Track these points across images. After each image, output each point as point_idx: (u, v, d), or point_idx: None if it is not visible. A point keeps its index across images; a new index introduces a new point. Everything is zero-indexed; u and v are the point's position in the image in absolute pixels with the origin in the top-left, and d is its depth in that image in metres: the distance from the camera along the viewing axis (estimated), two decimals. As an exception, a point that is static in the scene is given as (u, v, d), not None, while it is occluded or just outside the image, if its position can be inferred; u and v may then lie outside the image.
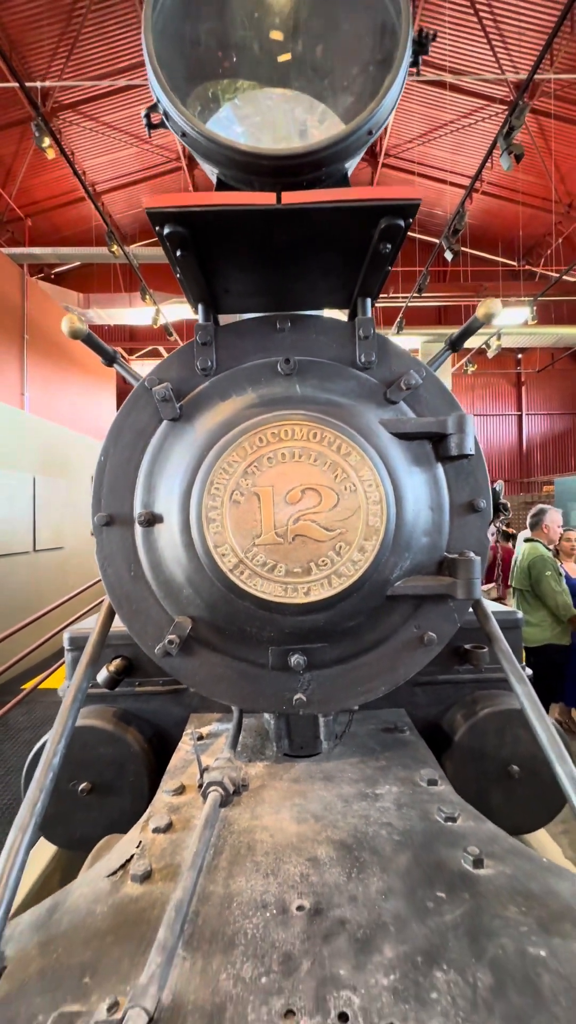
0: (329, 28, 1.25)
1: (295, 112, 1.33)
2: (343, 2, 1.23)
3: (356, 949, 1.01)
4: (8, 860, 1.13)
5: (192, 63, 1.27)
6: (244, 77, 1.37)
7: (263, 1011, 0.89)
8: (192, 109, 1.25)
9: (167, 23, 1.18)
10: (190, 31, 1.23)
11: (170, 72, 1.18)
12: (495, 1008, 0.88)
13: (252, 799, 1.55)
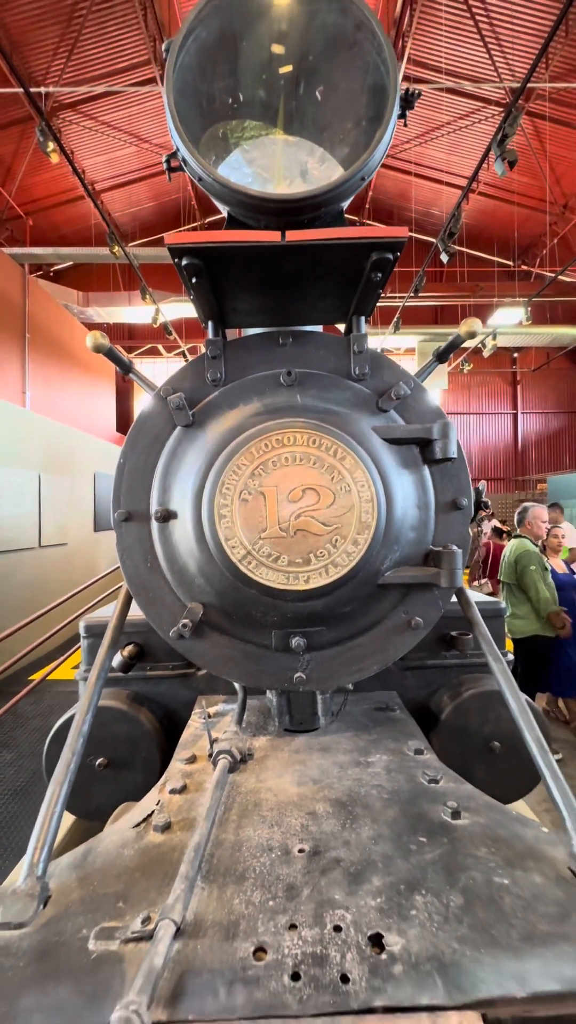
0: (328, 88, 1.42)
1: (297, 155, 1.50)
2: (341, 65, 1.40)
3: (349, 880, 1.19)
4: (49, 807, 1.31)
5: (207, 116, 1.44)
6: (252, 119, 1.54)
7: (270, 925, 1.07)
8: (207, 158, 1.42)
9: (185, 81, 1.34)
10: (206, 88, 1.40)
11: (187, 124, 1.35)
12: (463, 920, 1.06)
13: (257, 766, 1.73)
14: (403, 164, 17.24)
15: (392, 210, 19.86)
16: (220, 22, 1.35)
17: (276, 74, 1.41)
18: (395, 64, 1.33)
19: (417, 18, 12.44)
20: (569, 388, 22.26)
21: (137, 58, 13.40)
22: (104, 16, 12.01)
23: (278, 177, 1.50)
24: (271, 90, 1.44)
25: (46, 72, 12.82)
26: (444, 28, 12.49)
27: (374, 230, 1.35)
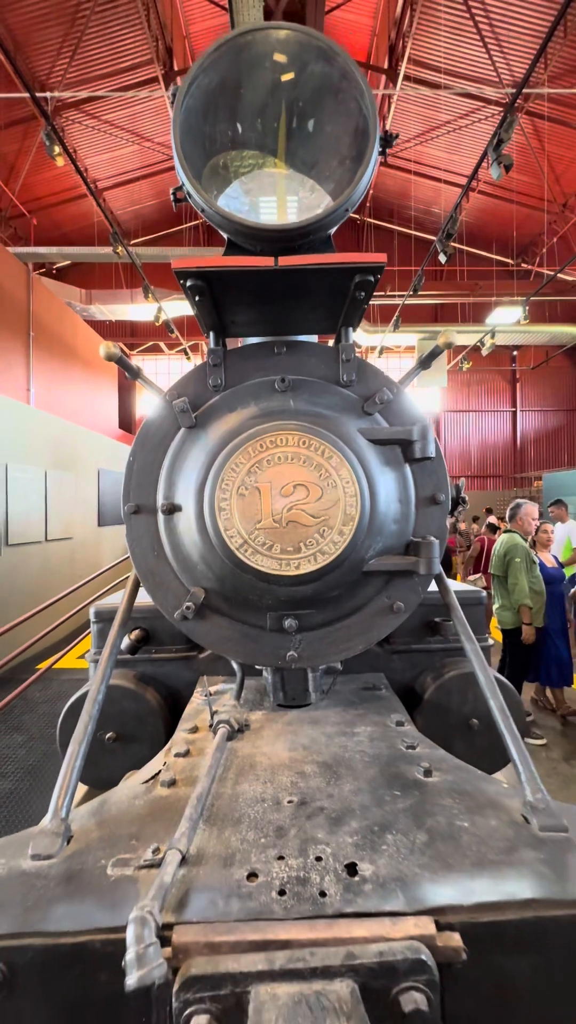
0: (316, 130, 1.60)
1: (290, 186, 1.67)
2: (328, 110, 1.57)
3: (330, 823, 1.37)
4: (70, 760, 1.50)
5: (209, 154, 1.61)
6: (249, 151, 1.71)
7: (262, 856, 1.26)
8: (209, 192, 1.60)
9: (190, 124, 1.52)
10: (208, 130, 1.57)
11: (191, 162, 1.52)
12: (426, 852, 1.25)
13: (253, 735, 1.91)
14: (403, 163, 17.34)
15: (392, 208, 19.95)
16: (221, 71, 1.53)
17: (271, 117, 1.58)
18: (375, 109, 1.51)
19: (417, 18, 12.54)
20: (568, 386, 22.36)
21: (140, 57, 13.52)
22: (107, 16, 12.14)
23: (273, 206, 1.68)
24: (267, 131, 1.62)
25: (49, 71, 12.97)
26: (444, 28, 12.60)
27: (356, 256, 1.53)
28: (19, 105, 13.02)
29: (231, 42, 1.49)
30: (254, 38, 1.50)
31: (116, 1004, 1.06)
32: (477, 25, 12.25)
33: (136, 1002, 1.04)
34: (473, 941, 1.08)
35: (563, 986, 1.10)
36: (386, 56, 14.18)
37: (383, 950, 1.01)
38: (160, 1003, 1.04)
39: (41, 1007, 1.07)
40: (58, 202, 17.08)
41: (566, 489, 9.92)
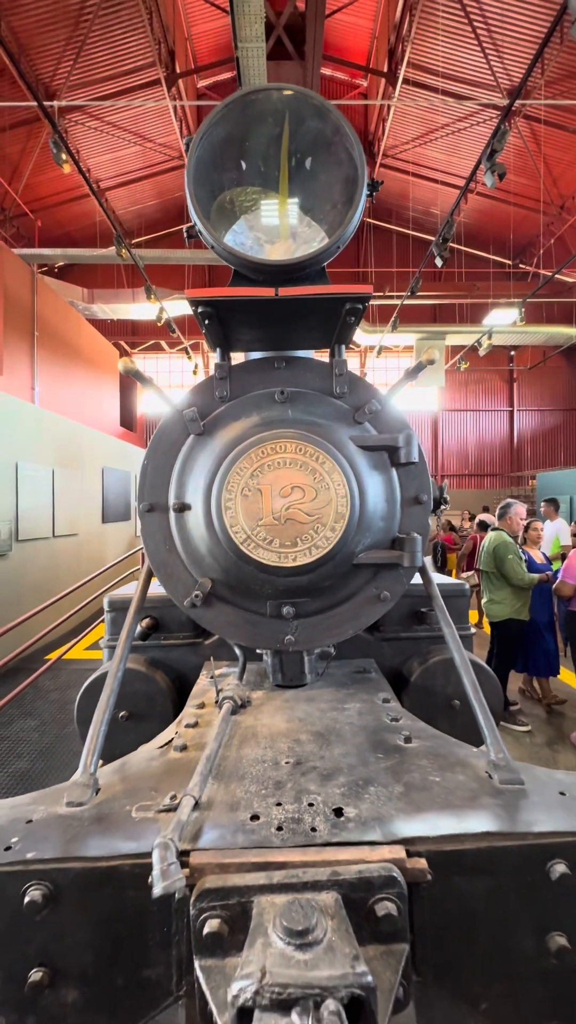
0: (311, 179, 1.82)
1: (290, 223, 1.89)
2: (323, 162, 1.79)
3: (321, 779, 1.60)
4: (95, 725, 1.72)
5: (217, 196, 1.83)
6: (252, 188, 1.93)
7: (263, 803, 1.48)
8: (218, 230, 1.82)
9: (201, 172, 1.73)
10: (216, 177, 1.79)
11: (202, 205, 1.74)
12: (402, 799, 1.48)
13: (254, 711, 2.14)
14: (403, 164, 17.52)
15: (392, 208, 20.14)
16: (229, 126, 1.74)
17: (272, 166, 1.80)
18: (363, 160, 1.72)
19: (416, 23, 12.71)
20: (564, 386, 22.56)
21: (142, 60, 13.68)
22: (110, 20, 12.30)
23: (274, 240, 1.90)
24: (268, 178, 1.83)
25: (53, 74, 13.13)
26: (442, 33, 12.77)
27: (346, 287, 1.75)
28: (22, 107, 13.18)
29: (237, 101, 1.70)
30: (257, 97, 1.72)
31: (142, 916, 1.29)
32: (475, 31, 12.43)
33: (159, 914, 1.27)
34: (437, 866, 1.30)
35: (512, 904, 1.33)
36: (386, 59, 14.35)
37: (362, 869, 1.24)
38: (178, 914, 1.27)
39: (80, 919, 1.30)
40: (61, 202, 17.25)
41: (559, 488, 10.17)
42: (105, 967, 1.32)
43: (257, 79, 6.14)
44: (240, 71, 5.94)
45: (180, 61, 14.63)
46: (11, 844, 1.36)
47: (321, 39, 6.45)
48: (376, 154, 17.68)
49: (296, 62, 6.46)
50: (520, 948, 1.34)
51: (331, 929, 1.10)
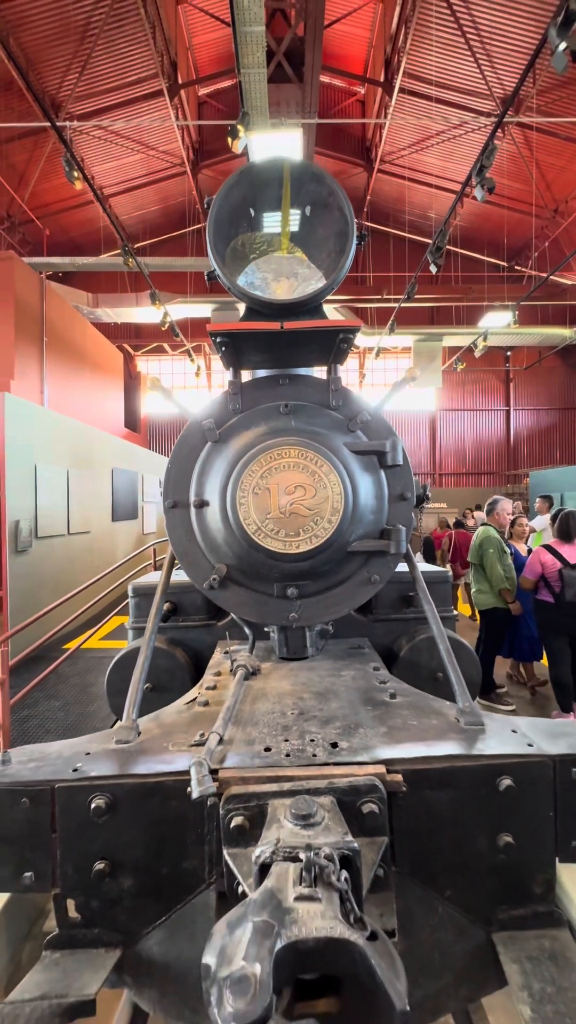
0: (310, 233, 2.19)
1: (292, 266, 2.26)
2: (320, 219, 2.16)
3: (320, 724, 1.97)
4: (134, 684, 2.09)
5: (231, 244, 2.21)
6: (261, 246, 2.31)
7: (273, 740, 1.85)
8: (233, 273, 2.18)
9: (218, 229, 2.10)
10: (231, 231, 2.16)
11: (220, 255, 2.11)
12: (385, 736, 1.85)
13: (263, 677, 2.50)
14: (399, 169, 17.88)
15: (389, 212, 20.49)
16: (242, 191, 2.11)
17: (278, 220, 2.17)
18: (352, 216, 2.09)
19: (412, 35, 13.06)
20: (560, 385, 22.90)
21: (145, 71, 14.04)
22: (114, 35, 12.67)
23: (280, 282, 2.27)
24: (274, 231, 2.21)
25: (59, 86, 13.50)
26: (437, 44, 13.12)
27: (339, 322, 2.12)
28: (29, 117, 13.55)
29: (247, 171, 2.07)
30: (264, 167, 2.09)
31: (182, 821, 1.66)
32: (468, 42, 12.77)
33: (194, 819, 1.65)
34: (410, 780, 1.68)
35: (469, 811, 1.70)
36: (382, 69, 14.71)
37: (351, 780, 1.61)
38: (209, 819, 1.64)
39: (133, 822, 1.68)
40: (65, 208, 17.63)
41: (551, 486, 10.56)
42: (152, 860, 1.70)
43: (259, 101, 6.50)
44: (243, 94, 6.31)
45: (182, 71, 15.00)
46: (77, 767, 1.74)
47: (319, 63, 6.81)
48: (374, 160, 18.02)
49: (295, 84, 6.83)
50: (476, 845, 1.72)
51: (328, 817, 1.47)
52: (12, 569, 6.10)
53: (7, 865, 1.68)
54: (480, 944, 1.75)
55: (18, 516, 6.25)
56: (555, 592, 4.48)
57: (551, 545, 4.64)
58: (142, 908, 1.73)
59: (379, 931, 1.21)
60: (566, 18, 4.96)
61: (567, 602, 4.36)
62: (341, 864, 1.32)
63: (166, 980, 1.70)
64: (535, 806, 1.71)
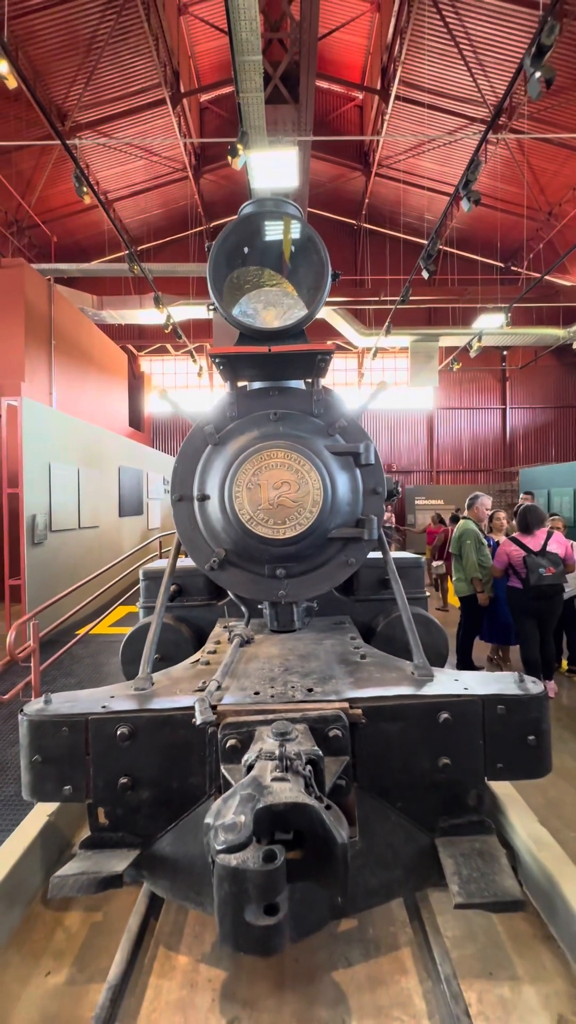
0: (294, 274, 2.63)
1: (278, 297, 2.70)
2: (302, 262, 2.61)
3: (300, 676, 2.42)
4: (148, 644, 2.55)
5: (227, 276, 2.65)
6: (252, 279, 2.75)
7: (262, 687, 2.30)
8: (229, 306, 2.63)
9: (217, 270, 2.55)
10: (228, 270, 2.60)
11: (219, 291, 2.55)
12: (352, 684, 2.29)
13: (256, 645, 2.94)
14: (396, 173, 18.26)
15: (387, 215, 20.86)
16: (237, 237, 2.56)
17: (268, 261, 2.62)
18: (327, 258, 2.53)
19: (407, 45, 13.45)
20: (555, 384, 23.29)
21: (148, 82, 14.46)
22: (119, 47, 13.09)
23: (268, 311, 2.71)
24: (264, 265, 2.65)
25: (65, 96, 13.93)
26: (431, 54, 13.50)
27: (317, 345, 2.58)
28: (37, 125, 13.97)
29: (243, 219, 2.51)
30: (257, 215, 2.53)
31: (188, 745, 2.12)
32: (462, 53, 13.15)
33: (198, 744, 2.10)
34: (369, 714, 2.12)
35: (415, 739, 2.15)
36: (379, 77, 15.11)
37: (321, 712, 2.06)
38: (210, 744, 2.09)
39: (150, 747, 2.13)
40: (71, 212, 18.04)
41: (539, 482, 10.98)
42: (165, 777, 2.15)
43: (257, 121, 6.92)
44: (242, 115, 6.72)
45: (184, 79, 15.42)
46: (104, 705, 2.19)
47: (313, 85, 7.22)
48: (371, 164, 18.40)
49: (291, 106, 7.25)
50: (420, 766, 2.17)
51: (301, 736, 1.92)
52: (29, 560, 6.58)
53: (51, 780, 2.15)
54: (425, 846, 2.21)
55: (35, 511, 6.74)
56: (522, 578, 4.93)
57: (515, 537, 5.09)
58: (157, 815, 2.19)
59: (333, 805, 1.66)
60: (539, 49, 5.37)
61: (532, 586, 4.81)
62: (308, 765, 1.77)
63: (176, 872, 2.16)
64: (468, 735, 2.17)
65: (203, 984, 2.16)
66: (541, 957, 2.27)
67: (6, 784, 3.62)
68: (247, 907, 1.36)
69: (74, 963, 2.27)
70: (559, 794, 3.48)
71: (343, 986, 2.14)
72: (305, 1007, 2.04)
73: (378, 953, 2.29)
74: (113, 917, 2.50)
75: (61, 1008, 2.06)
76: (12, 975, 2.21)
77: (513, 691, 2.21)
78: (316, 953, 2.29)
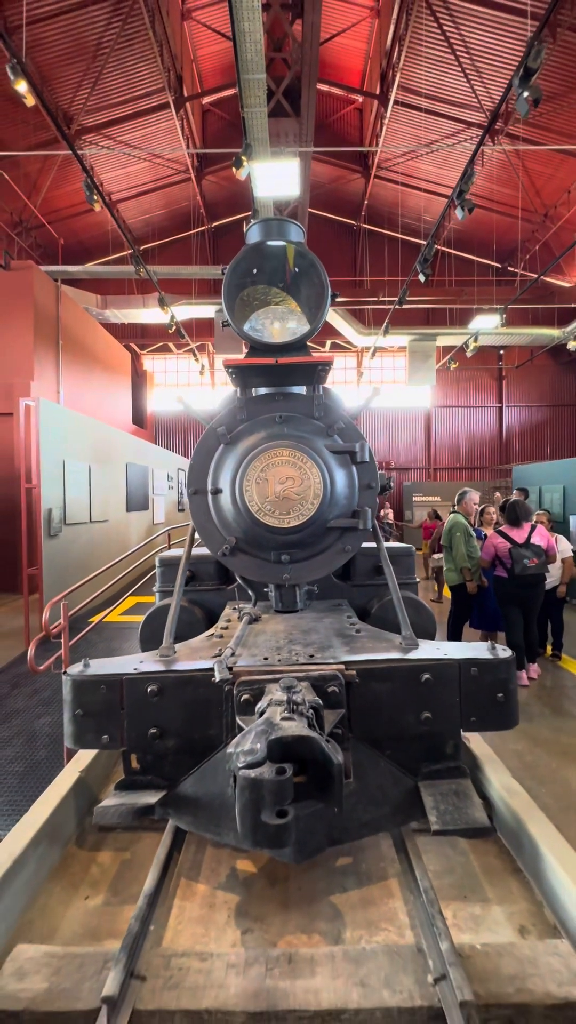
0: (297, 294, 2.99)
1: (284, 314, 3.06)
2: (305, 283, 2.96)
3: (303, 646, 2.78)
4: (170, 620, 2.91)
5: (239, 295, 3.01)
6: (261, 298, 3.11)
7: (269, 654, 2.66)
8: (241, 321, 2.99)
9: (230, 291, 2.91)
10: (239, 291, 2.96)
11: (232, 311, 2.91)
12: (346, 650, 2.66)
13: (263, 622, 3.30)
14: (395, 175, 18.57)
15: (386, 216, 21.16)
16: (247, 262, 2.91)
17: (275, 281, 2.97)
18: (327, 281, 2.88)
19: (405, 52, 13.76)
20: (551, 383, 23.61)
21: (152, 86, 14.76)
22: (124, 53, 13.39)
23: (275, 326, 3.06)
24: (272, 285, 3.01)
25: (71, 101, 14.24)
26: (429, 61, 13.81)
27: (317, 357, 2.93)
28: (43, 130, 14.28)
29: (253, 248, 2.87)
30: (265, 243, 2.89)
31: (207, 701, 2.48)
32: (459, 60, 13.46)
33: (215, 700, 2.47)
34: (361, 675, 2.49)
35: (401, 696, 2.51)
36: (378, 82, 15.41)
37: (321, 672, 2.42)
38: (227, 700, 2.45)
39: (175, 702, 2.50)
40: (76, 213, 18.36)
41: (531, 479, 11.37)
42: (187, 728, 2.52)
43: (260, 134, 7.24)
44: (245, 128, 7.05)
45: (187, 83, 15.72)
46: (136, 667, 2.56)
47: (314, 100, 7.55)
48: (371, 166, 18.70)
49: (293, 119, 7.57)
50: (405, 719, 2.54)
51: (305, 690, 2.28)
52: (46, 551, 6.96)
53: (91, 731, 2.52)
54: (409, 788, 2.58)
55: (50, 505, 7.11)
56: (507, 568, 5.31)
57: (502, 530, 5.46)
58: (180, 761, 2.56)
59: (331, 740, 2.02)
60: (526, 72, 5.71)
61: (517, 575, 5.19)
62: (311, 710, 2.14)
63: (197, 808, 2.53)
64: (446, 693, 2.53)
65: (220, 905, 2.53)
66: (509, 885, 2.63)
67: (37, 749, 3.99)
68: (263, 811, 1.72)
69: (108, 890, 2.64)
70: (534, 759, 3.86)
71: (339, 906, 2.50)
72: (307, 922, 2.41)
73: (369, 882, 2.65)
74: (140, 856, 2.87)
75: (100, 923, 2.43)
76: (56, 900, 2.58)
77: (485, 656, 2.57)
78: (316, 883, 2.65)
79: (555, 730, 4.38)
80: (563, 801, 3.19)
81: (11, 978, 1.98)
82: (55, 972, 2.00)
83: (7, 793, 3.49)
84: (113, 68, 13.71)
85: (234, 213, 21.54)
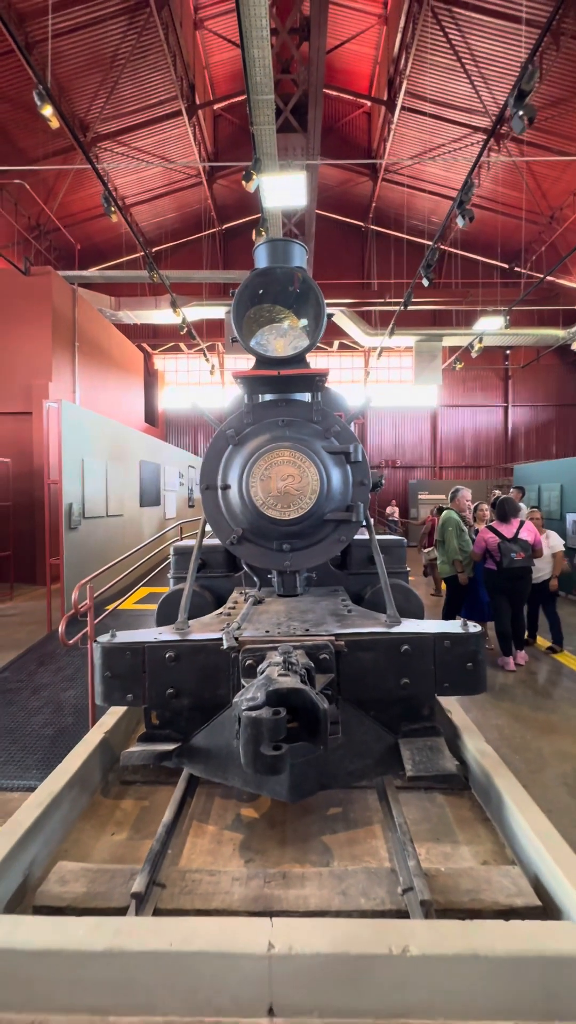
0: (298, 310, 3.39)
1: (287, 331, 3.47)
2: (303, 301, 3.35)
3: (301, 622, 3.19)
4: (185, 598, 3.32)
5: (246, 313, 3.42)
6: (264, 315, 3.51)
7: (270, 627, 3.07)
8: (248, 337, 3.40)
9: (239, 311, 3.31)
10: (247, 310, 3.36)
11: (240, 330, 3.31)
12: (338, 626, 3.06)
13: (266, 604, 3.71)
14: (402, 178, 18.87)
15: (393, 217, 21.46)
16: (254, 285, 3.31)
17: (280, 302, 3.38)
18: (323, 302, 3.27)
19: (412, 60, 14.06)
20: (557, 383, 23.79)
21: (166, 95, 15.18)
22: (138, 64, 13.81)
23: (278, 342, 3.47)
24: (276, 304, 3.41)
25: (88, 109, 14.69)
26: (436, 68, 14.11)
27: (316, 369, 3.33)
28: (60, 138, 14.73)
29: (259, 273, 3.28)
30: (268, 269, 3.29)
31: (216, 667, 2.90)
32: (464, 67, 13.75)
33: (224, 665, 2.88)
34: (350, 646, 2.89)
35: (384, 664, 2.91)
36: (386, 88, 15.73)
37: (315, 642, 2.82)
38: (233, 666, 2.87)
39: (189, 667, 2.91)
40: (90, 217, 18.84)
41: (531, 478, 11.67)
42: (199, 689, 2.94)
43: (269, 149, 7.63)
44: (255, 144, 7.44)
45: (199, 90, 16.13)
46: (156, 637, 2.97)
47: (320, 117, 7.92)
48: (379, 169, 19.01)
49: (300, 134, 7.95)
50: (387, 684, 2.93)
51: (300, 657, 2.69)
52: (67, 543, 7.44)
53: (118, 691, 2.94)
54: (391, 744, 2.98)
55: (71, 500, 7.60)
56: (496, 561, 5.68)
57: (493, 525, 5.84)
58: (193, 717, 2.98)
59: (321, 694, 2.43)
60: (520, 93, 6.05)
61: (505, 568, 5.56)
62: (304, 670, 2.55)
63: (208, 757, 2.94)
64: (422, 662, 2.93)
65: (227, 841, 2.95)
66: (477, 830, 3.03)
67: (64, 716, 4.44)
68: (262, 744, 2.13)
69: (131, 828, 3.07)
70: (512, 732, 4.25)
71: (329, 844, 2.91)
72: (301, 855, 2.82)
73: (356, 827, 3.06)
74: (158, 804, 3.29)
75: (125, 853, 2.86)
76: (87, 835, 3.01)
77: (457, 631, 2.96)
78: (311, 826, 3.06)
79: (535, 708, 4.77)
80: (533, 765, 3.60)
81: (55, 884, 2.42)
82: (91, 881, 2.44)
83: (40, 752, 3.94)
84: (128, 78, 14.15)
85: (244, 216, 21.92)
